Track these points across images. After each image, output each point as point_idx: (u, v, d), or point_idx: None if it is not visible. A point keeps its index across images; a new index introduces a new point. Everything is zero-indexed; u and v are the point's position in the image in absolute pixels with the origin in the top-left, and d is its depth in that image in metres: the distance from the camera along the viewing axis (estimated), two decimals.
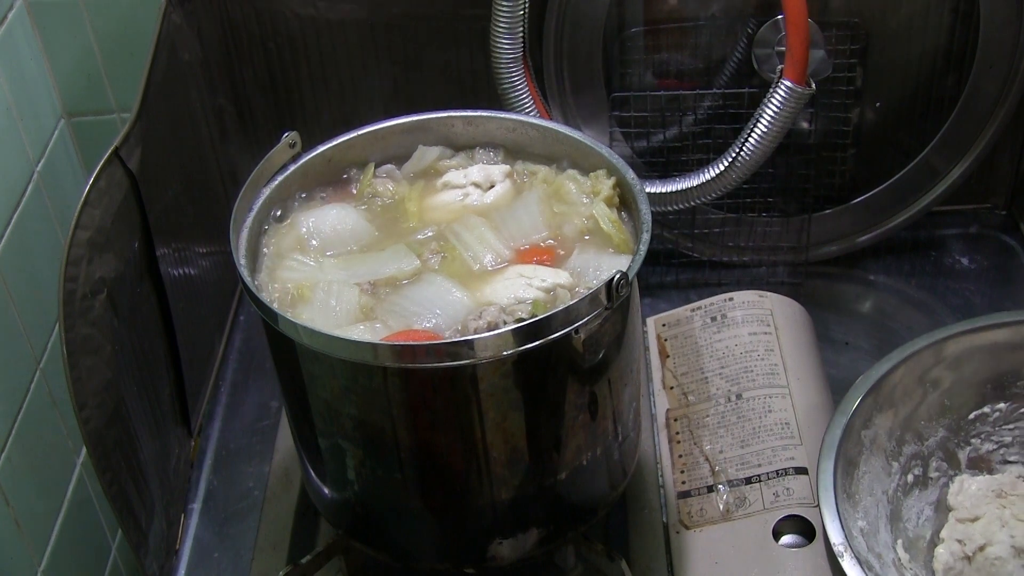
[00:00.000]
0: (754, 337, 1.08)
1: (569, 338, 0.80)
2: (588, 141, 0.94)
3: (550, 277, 0.86)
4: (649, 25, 1.19)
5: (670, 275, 1.27)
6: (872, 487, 0.95)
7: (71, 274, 0.86)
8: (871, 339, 1.20)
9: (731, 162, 1.12)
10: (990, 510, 0.96)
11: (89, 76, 1.24)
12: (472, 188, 0.95)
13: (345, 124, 0.98)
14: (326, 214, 0.93)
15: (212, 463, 1.11)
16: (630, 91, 1.18)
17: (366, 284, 0.88)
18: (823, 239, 1.26)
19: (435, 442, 0.84)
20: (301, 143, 0.94)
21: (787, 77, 1.08)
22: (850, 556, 0.86)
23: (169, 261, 1.05)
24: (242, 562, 1.01)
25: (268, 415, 1.15)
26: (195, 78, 1.18)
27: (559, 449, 0.85)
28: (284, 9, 1.20)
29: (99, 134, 1.25)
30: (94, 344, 0.89)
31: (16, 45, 1.13)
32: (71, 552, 1.12)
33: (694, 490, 1.00)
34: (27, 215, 1.09)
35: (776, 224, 1.23)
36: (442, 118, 0.98)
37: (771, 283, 1.23)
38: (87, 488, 1.17)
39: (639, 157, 1.22)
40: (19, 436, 1.03)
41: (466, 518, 0.89)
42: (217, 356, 1.21)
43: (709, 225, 1.24)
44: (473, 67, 1.21)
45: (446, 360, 0.78)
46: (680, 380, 1.08)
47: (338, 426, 0.85)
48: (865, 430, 0.96)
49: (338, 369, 0.81)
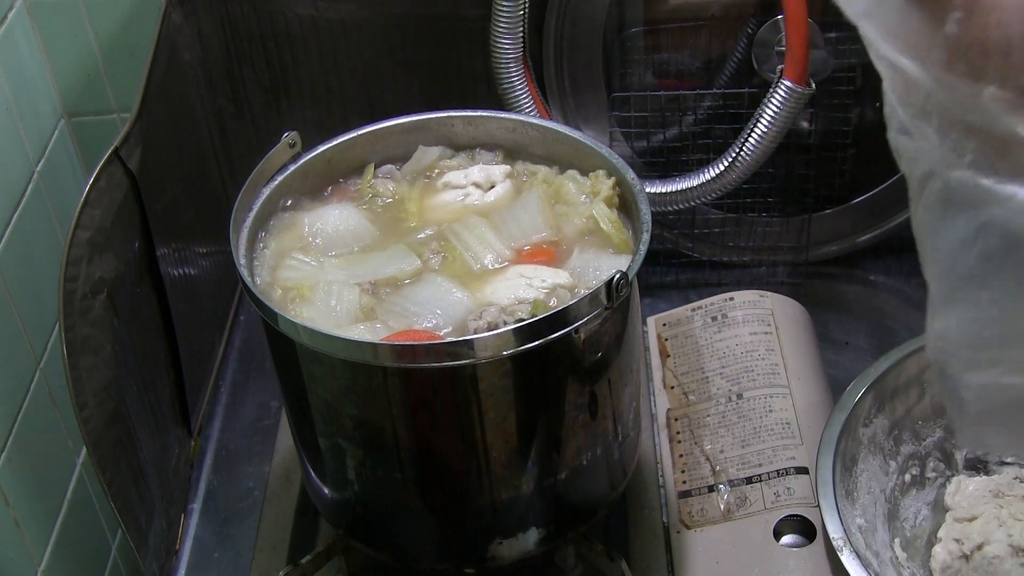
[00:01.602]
0: (755, 337, 1.08)
1: (569, 338, 0.80)
2: (588, 141, 0.94)
3: (550, 277, 0.86)
4: (649, 25, 1.19)
5: (670, 275, 1.27)
6: (870, 485, 0.95)
7: (71, 274, 0.86)
8: (871, 339, 1.20)
9: (731, 162, 1.12)
10: (987, 510, 0.96)
11: (89, 76, 1.23)
12: (472, 188, 0.95)
13: (345, 124, 0.98)
14: (328, 214, 0.93)
15: (212, 463, 1.11)
16: (630, 91, 1.18)
17: (367, 284, 0.88)
18: (823, 239, 1.26)
19: (435, 442, 0.84)
20: (301, 143, 0.94)
21: (787, 77, 1.08)
22: (849, 551, 0.87)
23: (169, 261, 1.05)
24: (242, 562, 1.01)
25: (268, 415, 1.15)
26: (195, 78, 1.18)
27: (559, 449, 0.85)
28: (284, 9, 1.20)
29: (99, 134, 1.25)
30: (94, 344, 0.89)
31: (16, 45, 1.13)
32: (71, 552, 1.12)
33: (695, 490, 1.00)
34: (27, 215, 1.09)
35: (776, 224, 1.23)
36: (442, 118, 0.98)
37: (771, 283, 1.23)
38: (87, 488, 1.17)
39: (639, 157, 1.22)
40: (19, 436, 1.03)
41: (466, 518, 0.89)
42: (217, 356, 1.21)
43: (709, 225, 1.24)
44: (473, 67, 1.21)
45: (446, 360, 0.78)
46: (681, 380, 1.08)
47: (338, 426, 0.85)
48: (864, 428, 0.96)
49: (338, 369, 0.81)
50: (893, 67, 0.53)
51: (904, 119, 0.54)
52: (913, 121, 0.53)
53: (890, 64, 0.53)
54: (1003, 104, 0.47)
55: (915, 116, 0.53)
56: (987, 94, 0.48)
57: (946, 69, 0.49)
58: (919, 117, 0.53)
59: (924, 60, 0.50)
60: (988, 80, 0.47)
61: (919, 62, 0.50)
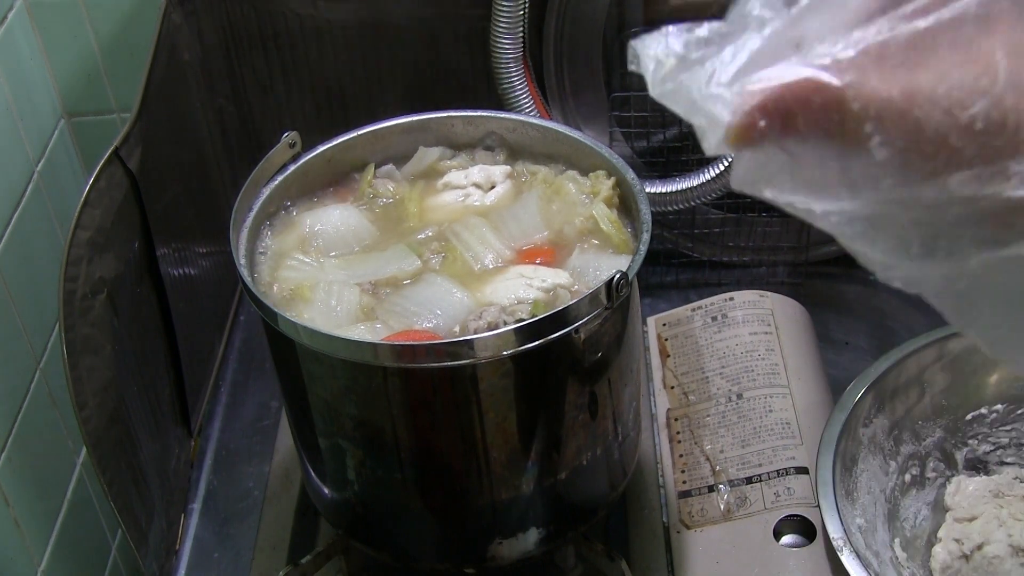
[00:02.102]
0: (755, 337, 1.08)
1: (569, 338, 0.80)
2: (588, 141, 0.94)
3: (550, 277, 0.86)
4: (649, 25, 1.18)
5: (670, 275, 1.27)
6: (870, 486, 0.95)
7: (71, 274, 0.86)
8: (871, 339, 1.20)
9: (731, 162, 1.12)
10: (987, 510, 0.96)
11: (89, 76, 1.23)
12: (473, 188, 0.95)
13: (345, 124, 0.98)
14: (329, 214, 0.93)
15: (212, 463, 1.11)
16: (630, 91, 1.18)
17: (367, 284, 0.88)
18: (823, 239, 1.26)
19: (435, 442, 0.84)
20: (301, 143, 0.94)
21: None
22: (849, 551, 0.87)
23: (169, 261, 1.05)
24: (242, 562, 1.01)
25: (268, 415, 1.15)
26: (195, 78, 1.18)
27: (559, 449, 0.85)
28: (284, 9, 1.20)
29: (99, 134, 1.25)
30: (94, 344, 0.89)
31: (16, 45, 1.13)
32: (71, 552, 1.12)
33: (695, 490, 1.00)
34: (27, 215, 1.09)
35: (776, 224, 1.23)
36: (442, 118, 0.98)
37: (771, 283, 1.23)
38: (87, 488, 1.17)
39: (639, 157, 1.21)
40: (19, 436, 1.03)
41: (466, 518, 0.89)
42: (217, 356, 1.21)
43: (709, 225, 1.24)
44: (473, 67, 1.21)
45: (446, 360, 0.78)
46: (681, 380, 1.08)
47: (338, 426, 0.85)
48: (864, 428, 0.96)
49: (338, 369, 0.81)
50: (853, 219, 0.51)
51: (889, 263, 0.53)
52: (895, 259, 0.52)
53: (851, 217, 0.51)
54: (976, 182, 0.45)
55: (894, 251, 0.52)
56: (954, 180, 0.46)
57: (903, 185, 0.47)
58: (897, 251, 0.51)
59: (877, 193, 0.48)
60: (950, 170, 0.46)
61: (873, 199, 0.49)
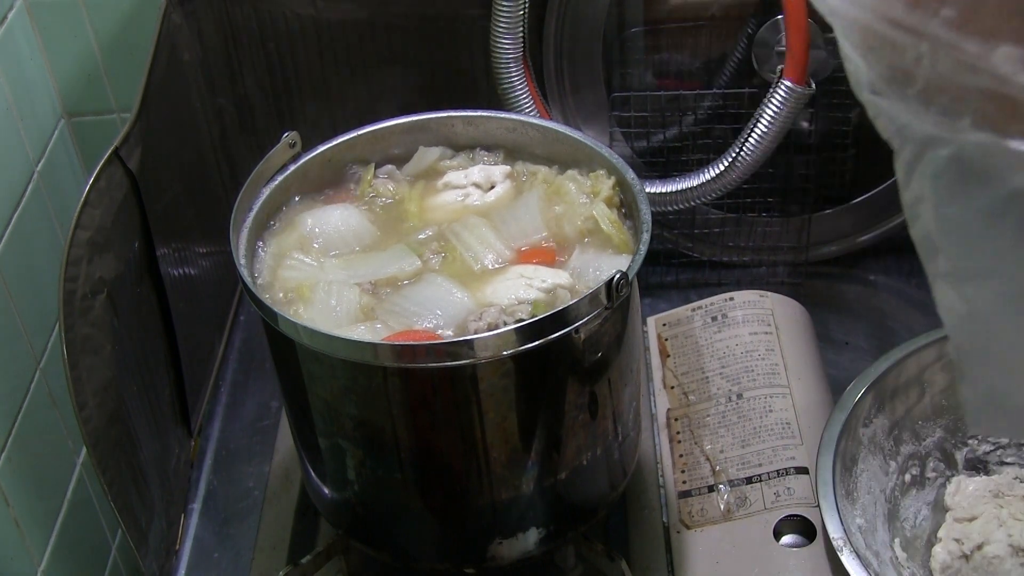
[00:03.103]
0: (755, 337, 1.08)
1: (569, 338, 0.80)
2: (588, 141, 0.94)
3: (550, 277, 0.86)
4: (649, 25, 1.19)
5: (670, 275, 1.27)
6: (870, 485, 0.95)
7: (71, 274, 0.86)
8: (871, 339, 1.20)
9: (731, 162, 1.12)
10: (987, 510, 0.96)
11: (89, 76, 1.23)
12: (473, 188, 0.95)
13: (345, 124, 0.98)
14: (329, 214, 0.93)
15: (212, 463, 1.11)
16: (630, 91, 1.18)
17: (367, 284, 0.88)
18: (823, 239, 1.26)
19: (435, 442, 0.84)
20: (301, 143, 0.94)
21: (787, 77, 1.08)
22: (849, 551, 0.87)
23: (169, 261, 1.05)
24: (242, 562, 1.01)
25: (268, 415, 1.15)
26: (195, 78, 1.18)
27: (559, 449, 0.85)
28: (284, 9, 1.20)
29: (99, 134, 1.25)
30: (94, 344, 0.89)
31: (16, 45, 1.13)
32: (71, 552, 1.12)
33: (695, 490, 1.00)
34: (27, 215, 1.09)
35: (776, 224, 1.23)
36: (442, 118, 0.98)
37: (771, 283, 1.23)
38: (87, 488, 1.17)
39: (639, 157, 1.22)
40: (19, 436, 1.03)
41: (466, 518, 0.89)
42: (217, 356, 1.21)
43: (709, 225, 1.24)
44: (473, 67, 1.21)
45: (446, 360, 0.78)
46: (681, 380, 1.08)
47: (338, 426, 0.85)
48: (864, 428, 0.96)
49: (338, 369, 0.81)
50: (866, 28, 0.49)
51: (875, 80, 0.51)
52: (888, 84, 0.51)
53: (865, 26, 0.49)
54: (1019, 63, 0.44)
55: (889, 79, 0.50)
56: (1000, 53, 0.45)
57: (952, 29, 0.46)
58: (895, 80, 0.50)
59: (923, 22, 0.47)
60: (1002, 38, 0.45)
61: (914, 24, 0.47)
